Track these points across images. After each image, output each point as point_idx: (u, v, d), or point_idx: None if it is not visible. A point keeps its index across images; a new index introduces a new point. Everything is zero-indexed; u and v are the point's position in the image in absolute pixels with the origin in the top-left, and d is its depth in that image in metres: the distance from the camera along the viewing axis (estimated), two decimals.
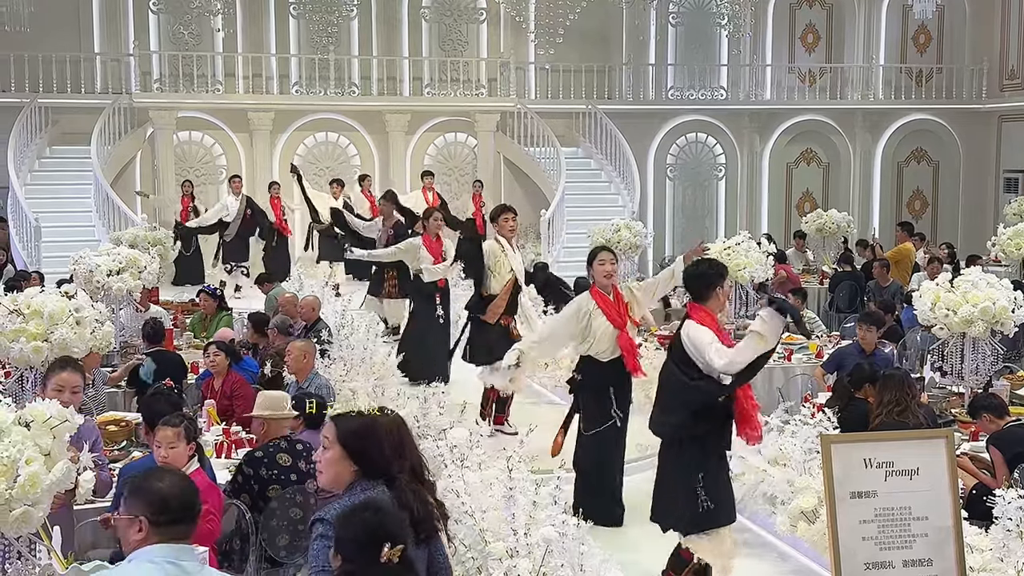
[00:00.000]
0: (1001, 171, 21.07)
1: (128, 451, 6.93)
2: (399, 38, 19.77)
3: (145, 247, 12.99)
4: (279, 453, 5.83)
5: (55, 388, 5.75)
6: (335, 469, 3.61)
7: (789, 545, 6.64)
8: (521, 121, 19.46)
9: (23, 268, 14.53)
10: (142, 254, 10.58)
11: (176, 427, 5.27)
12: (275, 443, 5.93)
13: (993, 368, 8.43)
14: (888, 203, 21.69)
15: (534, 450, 6.68)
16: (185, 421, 5.39)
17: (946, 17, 21.33)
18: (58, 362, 6.21)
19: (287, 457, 5.81)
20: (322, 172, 19.25)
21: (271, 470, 5.75)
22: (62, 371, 5.95)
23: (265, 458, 5.82)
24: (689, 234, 20.58)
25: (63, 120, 18.13)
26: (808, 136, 21.40)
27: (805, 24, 21.44)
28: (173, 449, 5.23)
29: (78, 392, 5.93)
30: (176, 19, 18.60)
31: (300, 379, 7.63)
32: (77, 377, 6.01)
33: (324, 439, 3.66)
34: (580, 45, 19.54)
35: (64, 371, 5.96)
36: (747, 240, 11.64)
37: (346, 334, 9.20)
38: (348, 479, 3.59)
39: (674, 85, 20.96)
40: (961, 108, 21.17)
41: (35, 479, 4.31)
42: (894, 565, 4.33)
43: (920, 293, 8.58)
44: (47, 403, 4.57)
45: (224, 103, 18.58)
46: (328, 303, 11.47)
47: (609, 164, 19.67)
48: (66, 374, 5.93)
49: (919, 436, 4.59)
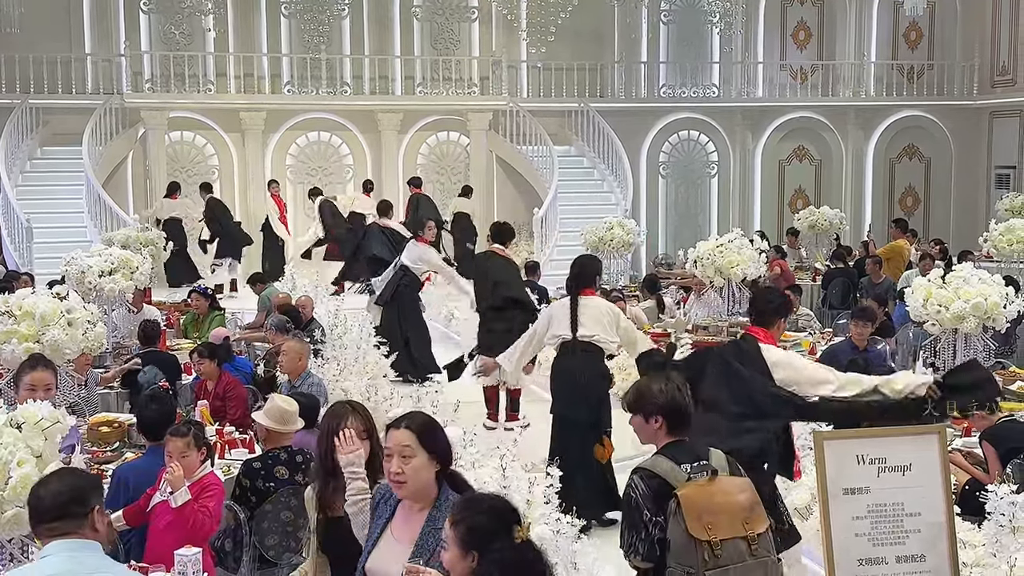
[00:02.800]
0: (992, 167, 21.12)
1: (121, 452, 6.90)
2: (391, 37, 19.75)
3: (137, 248, 12.97)
4: (277, 466, 5.81)
5: (28, 387, 5.71)
6: (424, 475, 3.57)
7: None
8: (513, 120, 19.46)
9: (14, 269, 14.50)
10: (134, 255, 10.56)
11: (185, 436, 5.27)
12: (274, 454, 5.90)
13: (985, 364, 8.44)
14: (880, 200, 21.73)
15: (528, 448, 6.69)
16: (193, 428, 5.38)
17: (937, 14, 21.38)
18: (28, 361, 6.15)
19: (284, 470, 5.79)
20: (314, 172, 19.25)
21: (268, 482, 5.74)
22: (32, 370, 5.91)
23: (263, 470, 5.80)
24: (682, 232, 20.62)
25: (54, 121, 18.09)
26: (800, 133, 21.43)
27: (796, 21, 21.46)
28: (185, 458, 5.22)
29: (51, 389, 5.89)
30: (167, 19, 18.55)
31: (293, 379, 7.62)
32: (49, 375, 5.95)
33: (405, 447, 3.56)
34: (572, 43, 19.53)
35: (35, 370, 5.91)
36: (740, 237, 11.63)
37: (339, 334, 9.19)
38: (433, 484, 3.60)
39: (666, 83, 20.97)
40: (952, 104, 21.21)
41: (27, 481, 4.30)
42: (887, 561, 4.33)
43: (912, 289, 8.59)
44: (38, 404, 4.56)
45: (216, 103, 18.54)
46: (321, 303, 11.47)
47: (602, 162, 19.68)
48: (37, 372, 5.88)
49: (911, 432, 4.59)
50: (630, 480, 3.92)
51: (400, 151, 19.44)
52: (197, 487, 5.24)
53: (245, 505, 5.67)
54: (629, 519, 3.89)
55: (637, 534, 3.84)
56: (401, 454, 3.54)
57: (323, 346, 8.72)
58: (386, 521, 3.65)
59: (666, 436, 4.02)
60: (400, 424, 3.64)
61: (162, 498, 5.23)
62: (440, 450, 3.61)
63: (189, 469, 5.22)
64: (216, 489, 5.33)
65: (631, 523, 3.87)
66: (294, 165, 19.31)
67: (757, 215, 21.28)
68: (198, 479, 5.28)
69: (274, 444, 5.98)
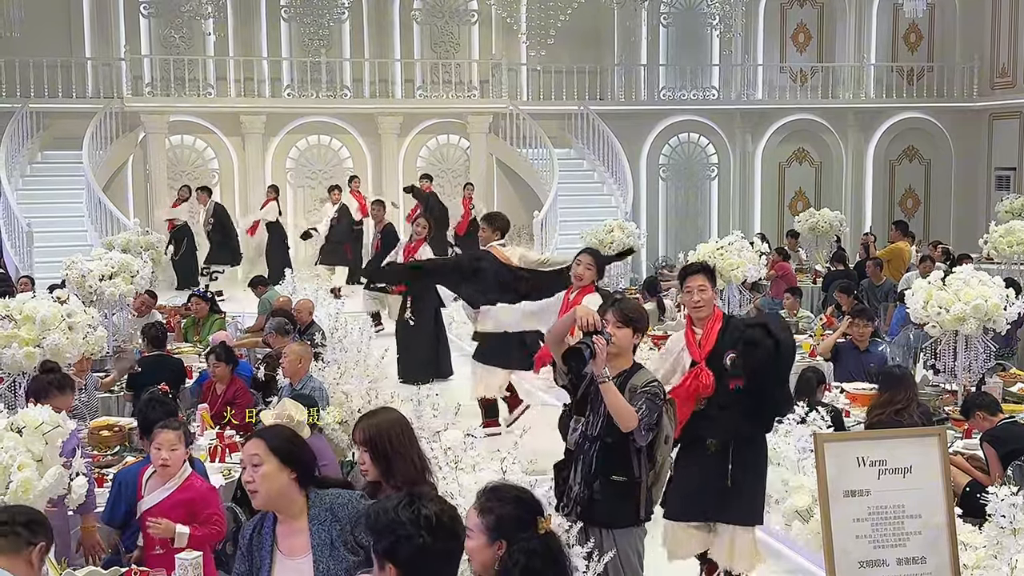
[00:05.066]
0: (992, 169, 21.12)
1: (122, 456, 6.91)
2: (390, 40, 19.76)
3: (137, 251, 12.99)
4: None
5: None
6: (276, 481, 3.63)
7: (783, 544, 6.65)
8: (513, 122, 19.47)
9: (11, 274, 14.49)
10: (134, 258, 10.57)
11: (176, 430, 5.33)
12: None
13: (986, 365, 8.44)
14: (880, 202, 21.73)
15: (528, 452, 6.67)
16: (183, 426, 5.44)
17: (937, 16, 21.39)
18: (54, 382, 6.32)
19: None
20: (315, 175, 19.26)
21: None
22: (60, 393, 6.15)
23: None
24: (682, 234, 20.62)
25: (55, 125, 18.10)
26: (800, 135, 21.44)
27: (796, 23, 21.48)
28: (175, 451, 5.28)
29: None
30: (167, 23, 18.57)
31: (294, 382, 7.62)
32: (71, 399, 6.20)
33: (253, 456, 3.65)
34: (572, 46, 19.55)
35: (63, 392, 6.16)
36: (740, 240, 11.64)
37: (340, 337, 9.18)
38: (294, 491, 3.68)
39: (666, 85, 20.98)
40: (952, 106, 21.22)
41: (27, 485, 4.31)
42: (888, 563, 4.33)
43: (913, 291, 8.59)
44: (39, 409, 4.56)
45: (216, 107, 18.55)
46: (322, 306, 11.47)
47: (602, 165, 19.69)
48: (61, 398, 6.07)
49: (912, 434, 4.60)
50: (655, 384, 4.89)
51: (400, 154, 19.45)
52: (185, 505, 5.22)
53: (246, 507, 5.66)
54: (653, 405, 4.82)
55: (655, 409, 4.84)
56: (251, 463, 3.63)
57: (324, 349, 8.72)
58: (271, 548, 3.67)
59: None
60: (252, 436, 3.76)
61: (151, 504, 5.24)
62: (290, 455, 3.64)
63: (177, 463, 5.28)
64: (205, 494, 5.34)
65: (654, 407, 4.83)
66: (294, 169, 19.32)
67: (757, 217, 21.28)
68: (182, 484, 5.29)
69: None
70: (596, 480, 4.86)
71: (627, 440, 4.83)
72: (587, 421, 4.93)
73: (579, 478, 4.91)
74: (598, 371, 4.70)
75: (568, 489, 4.97)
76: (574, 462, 4.98)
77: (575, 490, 4.92)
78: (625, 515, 4.89)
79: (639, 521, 4.94)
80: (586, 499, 4.88)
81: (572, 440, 5.02)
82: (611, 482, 4.86)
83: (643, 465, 4.87)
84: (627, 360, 4.96)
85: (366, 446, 4.03)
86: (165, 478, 5.30)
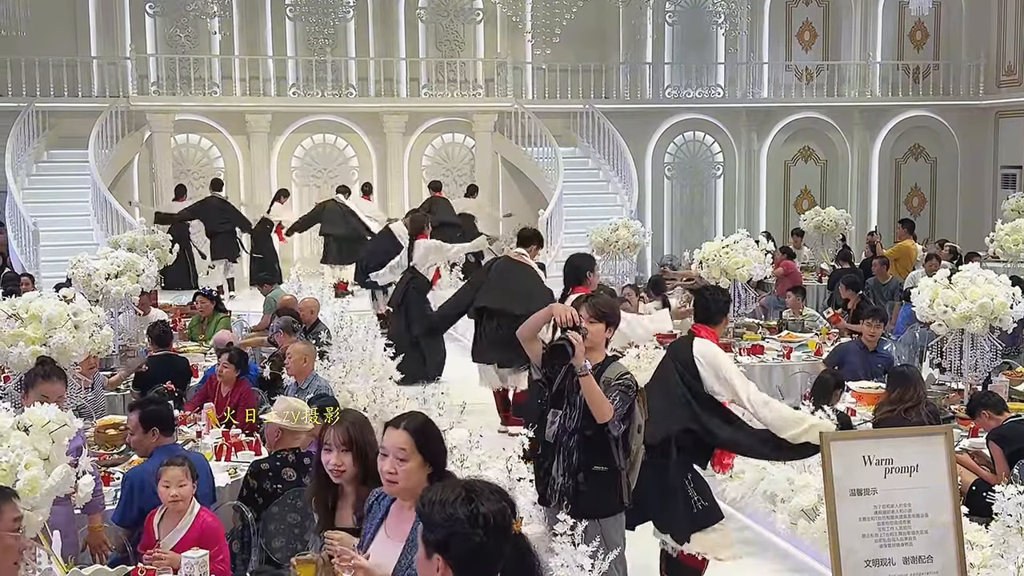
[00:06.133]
0: (999, 167, 21.07)
1: (127, 455, 6.91)
2: (396, 39, 19.76)
3: (143, 250, 12.98)
4: (285, 467, 5.82)
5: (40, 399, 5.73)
6: (416, 478, 3.53)
7: (789, 543, 6.64)
8: (518, 121, 19.46)
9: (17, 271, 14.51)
10: (140, 257, 10.57)
11: (182, 466, 5.21)
12: (282, 456, 5.90)
13: (992, 364, 8.43)
14: (886, 200, 21.69)
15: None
16: (187, 461, 5.30)
17: (943, 13, 21.34)
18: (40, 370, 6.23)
19: (292, 472, 5.79)
20: (320, 174, 19.27)
21: (275, 484, 5.74)
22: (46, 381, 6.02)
23: (270, 471, 5.80)
24: (687, 232, 20.60)
25: (60, 124, 18.13)
26: (806, 134, 21.40)
27: (802, 22, 21.44)
28: (183, 487, 5.15)
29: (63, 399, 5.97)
30: (172, 22, 18.57)
31: (299, 381, 7.63)
32: (60, 386, 6.07)
33: (400, 450, 3.54)
34: (577, 45, 19.53)
35: (49, 380, 6.02)
36: (745, 238, 11.63)
37: (345, 335, 9.18)
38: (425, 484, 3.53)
39: (671, 84, 20.95)
40: (958, 104, 21.17)
41: (34, 483, 4.31)
42: (894, 562, 4.33)
43: (919, 289, 8.58)
44: (46, 408, 4.57)
45: (221, 106, 18.56)
46: (327, 305, 11.47)
47: (607, 163, 19.67)
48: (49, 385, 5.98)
49: (918, 433, 4.59)
50: (628, 376, 5.05)
51: (405, 153, 19.45)
52: (196, 541, 5.04)
53: (252, 506, 5.68)
54: (626, 397, 5.00)
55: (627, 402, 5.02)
56: (396, 456, 3.54)
57: (329, 348, 8.72)
58: (380, 520, 3.66)
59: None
60: (399, 424, 3.63)
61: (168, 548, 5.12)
62: (434, 454, 3.60)
63: (187, 498, 5.15)
64: (215, 530, 5.21)
65: (627, 399, 5.00)
66: (299, 167, 19.32)
67: (763, 216, 21.25)
68: (193, 522, 5.14)
69: (282, 446, 5.99)
70: (580, 472, 5.03)
71: (605, 431, 4.99)
72: (564, 414, 5.09)
73: (562, 470, 5.08)
74: (578, 365, 4.83)
75: (552, 481, 5.13)
76: (555, 454, 5.13)
77: (559, 482, 5.09)
78: (611, 504, 5.08)
79: (623, 508, 5.13)
80: (571, 491, 5.05)
81: (551, 432, 5.16)
82: (594, 473, 5.04)
83: (621, 454, 5.06)
84: (600, 354, 5.14)
85: (348, 447, 3.98)
86: (176, 518, 5.16)
